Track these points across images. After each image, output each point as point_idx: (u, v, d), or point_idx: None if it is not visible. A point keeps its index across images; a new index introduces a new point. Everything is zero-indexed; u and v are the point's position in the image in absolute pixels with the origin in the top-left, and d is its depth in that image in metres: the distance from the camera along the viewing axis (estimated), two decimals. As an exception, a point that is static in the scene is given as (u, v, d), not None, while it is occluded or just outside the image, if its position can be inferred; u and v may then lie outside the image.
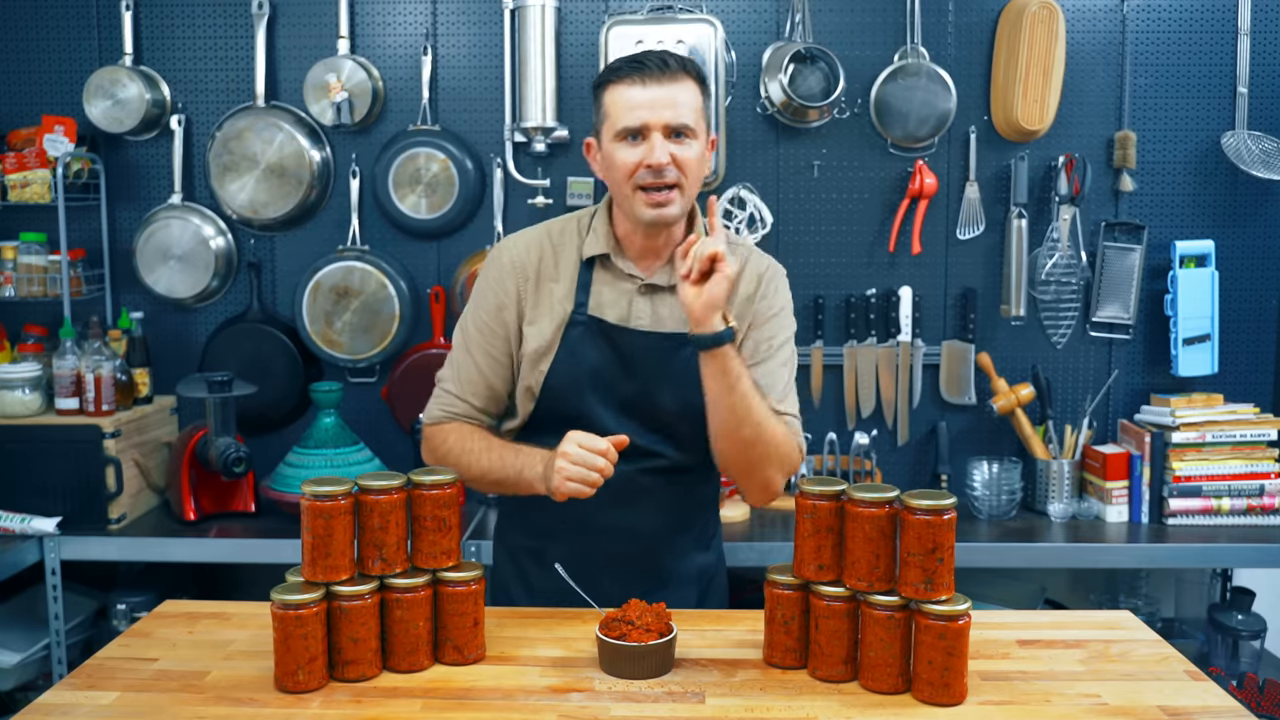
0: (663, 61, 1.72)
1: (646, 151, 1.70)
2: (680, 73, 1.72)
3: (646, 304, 1.81)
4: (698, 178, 1.76)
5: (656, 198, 1.71)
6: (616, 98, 1.72)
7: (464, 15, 3.04)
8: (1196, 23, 3.00)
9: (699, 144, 1.74)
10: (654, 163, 1.69)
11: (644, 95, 1.70)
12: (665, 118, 1.70)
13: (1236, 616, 2.84)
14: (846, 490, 1.49)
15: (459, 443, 1.81)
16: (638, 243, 1.81)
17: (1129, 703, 1.44)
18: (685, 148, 1.72)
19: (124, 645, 1.63)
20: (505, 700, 1.45)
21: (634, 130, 1.71)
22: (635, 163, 1.71)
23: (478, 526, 2.79)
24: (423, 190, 3.01)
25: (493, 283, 1.84)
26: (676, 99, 1.70)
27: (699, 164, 1.75)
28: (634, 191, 1.72)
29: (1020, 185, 2.96)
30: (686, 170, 1.72)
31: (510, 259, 1.84)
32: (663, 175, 1.70)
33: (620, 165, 1.72)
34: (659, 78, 1.70)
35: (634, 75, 1.71)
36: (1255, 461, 2.85)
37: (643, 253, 1.82)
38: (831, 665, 1.50)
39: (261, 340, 3.06)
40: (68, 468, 2.73)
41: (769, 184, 3.05)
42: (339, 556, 1.48)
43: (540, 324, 1.81)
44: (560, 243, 1.85)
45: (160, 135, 3.08)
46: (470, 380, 1.84)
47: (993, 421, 3.04)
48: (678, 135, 1.71)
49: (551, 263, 1.83)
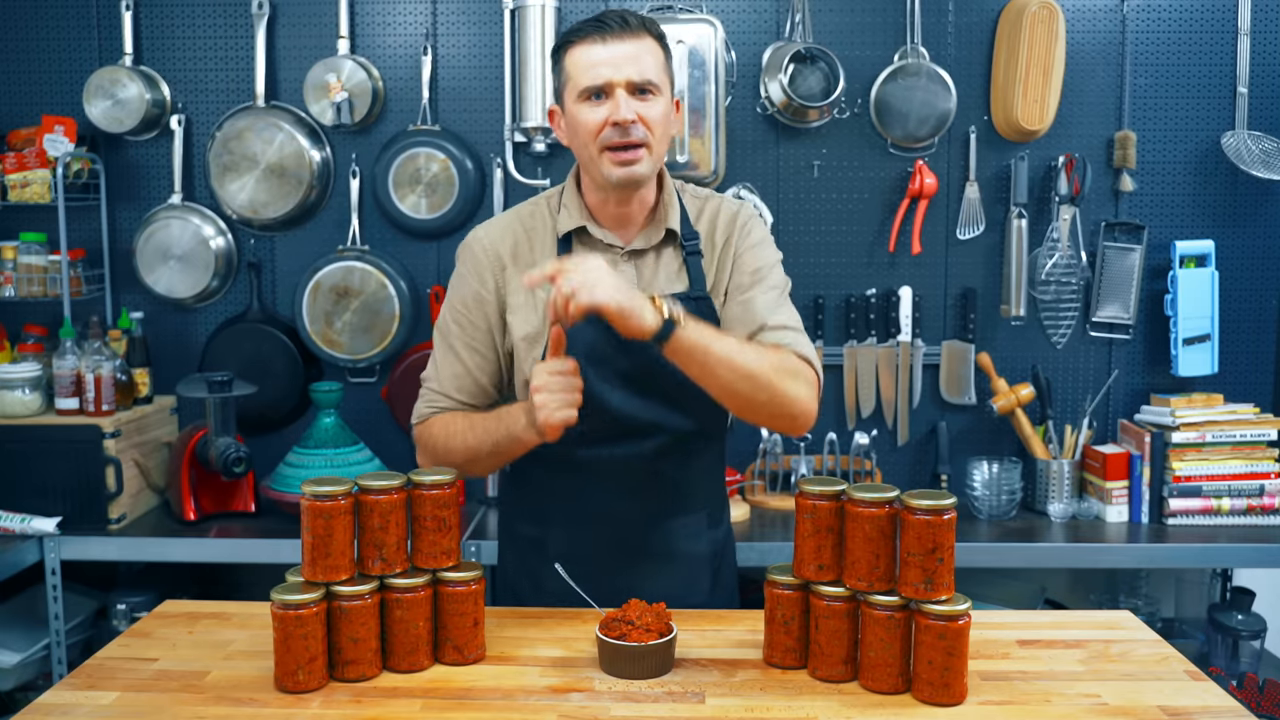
0: (622, 20, 1.69)
1: (611, 109, 1.66)
2: (641, 30, 1.69)
3: (631, 270, 1.78)
4: (664, 135, 1.73)
5: (624, 156, 1.68)
6: (578, 58, 1.69)
7: (464, 15, 3.04)
8: (1196, 23, 3.00)
9: (664, 101, 1.71)
10: (620, 119, 1.66)
11: (605, 53, 1.67)
12: (628, 74, 1.67)
13: (1236, 616, 2.84)
14: (846, 490, 1.49)
15: (443, 430, 1.78)
16: (610, 210, 1.78)
17: (1129, 703, 1.44)
18: (650, 105, 1.69)
19: (124, 645, 1.63)
20: (505, 700, 1.44)
21: (597, 88, 1.67)
22: (600, 122, 1.67)
23: (478, 526, 2.79)
24: (423, 190, 3.01)
25: (468, 275, 1.81)
26: (639, 56, 1.68)
27: (665, 121, 1.72)
28: (600, 153, 1.69)
29: (1020, 185, 2.96)
30: (653, 127, 1.69)
31: (482, 248, 1.80)
32: (629, 133, 1.67)
33: (585, 126, 1.69)
34: (620, 35, 1.67)
35: (594, 34, 1.68)
36: (1255, 461, 2.85)
37: (617, 220, 1.79)
38: (831, 665, 1.50)
39: (261, 340, 3.06)
40: (68, 468, 2.73)
41: (769, 184, 3.05)
42: (339, 556, 1.48)
43: (524, 310, 1.77)
44: (532, 225, 1.82)
45: (160, 135, 3.08)
46: (453, 375, 1.80)
47: (993, 421, 3.04)
48: (642, 93, 1.68)
49: (526, 246, 1.80)
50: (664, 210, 1.80)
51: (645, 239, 1.80)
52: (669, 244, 1.81)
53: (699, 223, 1.83)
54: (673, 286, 1.78)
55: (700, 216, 1.84)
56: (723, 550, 1.94)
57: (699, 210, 1.85)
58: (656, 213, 1.81)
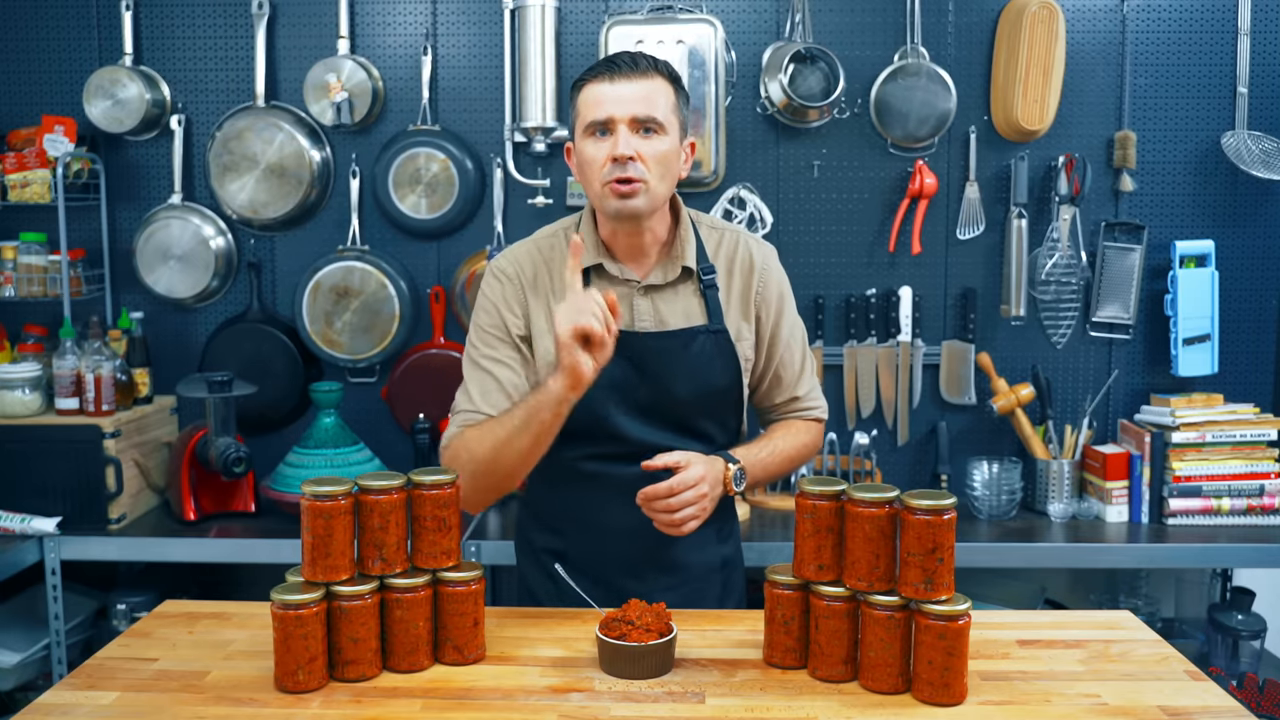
0: (633, 60, 1.73)
1: (612, 145, 1.70)
2: (651, 70, 1.73)
3: (648, 304, 1.81)
4: (666, 174, 1.74)
5: (621, 189, 1.70)
6: (587, 96, 1.73)
7: (464, 15, 3.04)
8: (1196, 23, 3.00)
9: (669, 140, 1.73)
10: (618, 155, 1.68)
11: (612, 90, 1.70)
12: (632, 111, 1.69)
13: (1236, 616, 2.84)
14: (846, 490, 1.49)
15: (473, 435, 1.73)
16: (622, 241, 1.81)
17: (1129, 703, 1.44)
18: (651, 143, 1.71)
19: (124, 645, 1.63)
20: (505, 700, 1.44)
21: (601, 124, 1.71)
22: (602, 157, 1.71)
23: (478, 526, 2.79)
24: (423, 190, 3.01)
25: (494, 297, 1.83)
26: (646, 94, 1.70)
27: (667, 160, 1.73)
28: (603, 187, 1.72)
29: (1020, 185, 2.96)
30: (652, 165, 1.70)
31: (506, 276, 1.84)
32: (626, 169, 1.69)
33: (589, 160, 1.73)
34: (628, 74, 1.71)
35: (604, 74, 1.72)
36: (1255, 461, 2.85)
37: (630, 252, 1.81)
38: (831, 665, 1.50)
39: (261, 340, 3.06)
40: (68, 468, 2.73)
41: (769, 184, 3.05)
42: (339, 556, 1.48)
43: (546, 340, 1.79)
44: (550, 256, 1.84)
45: (160, 135, 3.08)
46: (484, 390, 1.79)
47: (993, 421, 3.04)
48: (646, 131, 1.71)
49: (546, 276, 1.83)
50: (680, 246, 1.83)
51: (661, 274, 1.82)
52: (685, 278, 1.83)
53: (716, 256, 1.86)
54: (691, 320, 1.82)
55: (719, 250, 1.87)
56: (731, 563, 1.97)
57: (717, 243, 1.87)
58: (673, 248, 1.83)
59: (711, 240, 1.87)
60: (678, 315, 1.81)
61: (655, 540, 1.82)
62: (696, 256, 1.83)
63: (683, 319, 1.81)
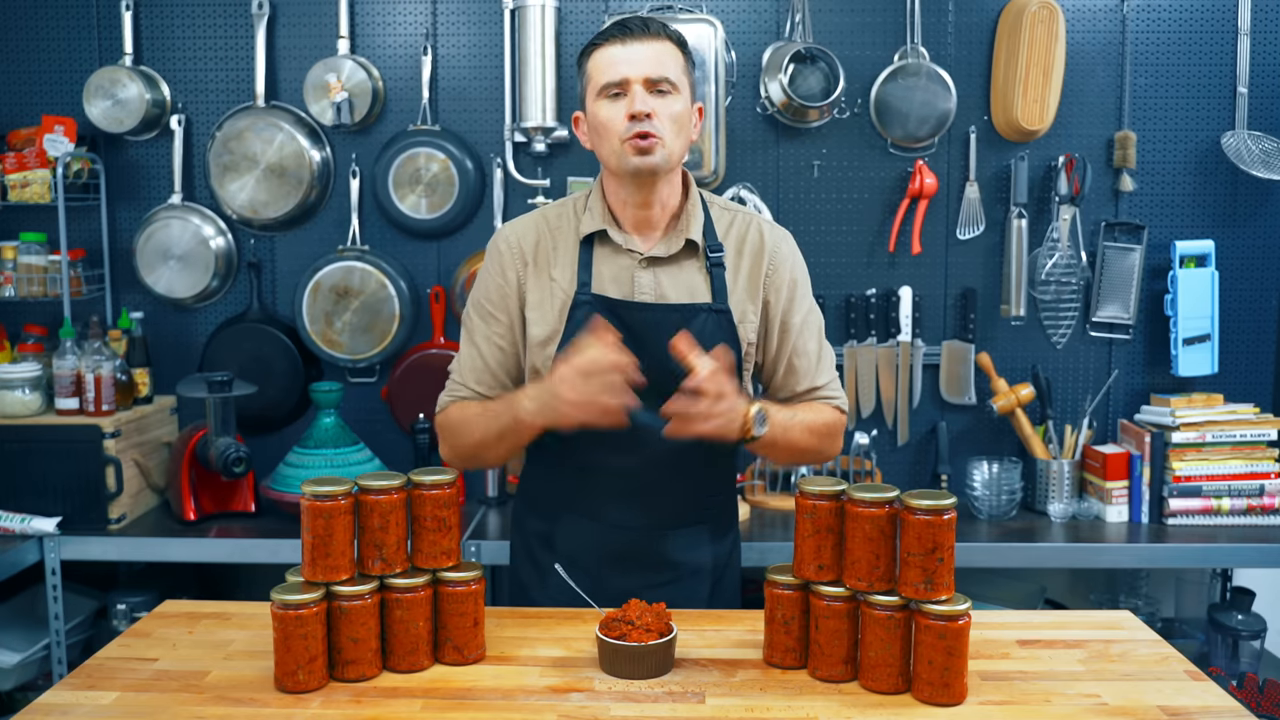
0: (644, 24, 1.75)
1: (629, 103, 1.71)
2: (661, 34, 1.75)
3: (649, 277, 1.80)
4: (681, 133, 1.76)
5: (641, 144, 1.71)
6: (599, 60, 1.75)
7: (464, 15, 3.04)
8: (1196, 23, 3.00)
9: (682, 100, 1.75)
10: (636, 111, 1.70)
11: (624, 52, 1.72)
12: (645, 70, 1.71)
13: (1236, 616, 2.84)
14: (846, 490, 1.49)
15: (459, 416, 1.82)
16: (631, 212, 1.80)
17: (1129, 703, 1.44)
18: (666, 102, 1.72)
19: (124, 645, 1.63)
20: (505, 700, 1.45)
21: (615, 85, 1.72)
22: (619, 117, 1.72)
23: (478, 526, 2.79)
24: (423, 190, 3.01)
25: (492, 270, 1.85)
26: (657, 56, 1.73)
27: (682, 120, 1.75)
28: (622, 144, 1.72)
29: (1020, 185, 2.96)
30: (667, 123, 1.72)
31: (507, 245, 1.85)
32: (644, 126, 1.70)
33: (605, 121, 1.73)
34: (640, 37, 1.73)
35: (615, 37, 1.74)
36: (1255, 461, 2.85)
37: (638, 224, 1.81)
38: (831, 665, 1.50)
39: (261, 340, 3.06)
40: (68, 468, 2.73)
41: (769, 184, 3.05)
42: (339, 556, 1.48)
43: (543, 308, 1.80)
44: (557, 225, 1.85)
45: (160, 135, 3.08)
46: (474, 367, 1.85)
47: (993, 421, 3.04)
48: (659, 91, 1.72)
49: (549, 245, 1.83)
50: (686, 220, 1.82)
51: (665, 247, 1.81)
52: (690, 254, 1.82)
53: (726, 237, 1.85)
54: (695, 297, 1.80)
55: (729, 231, 1.86)
56: (726, 563, 1.95)
57: (728, 224, 1.87)
58: (679, 221, 1.82)
59: (723, 220, 1.86)
60: (680, 290, 1.80)
61: (645, 535, 1.82)
62: (705, 234, 1.83)
63: (685, 294, 1.79)
